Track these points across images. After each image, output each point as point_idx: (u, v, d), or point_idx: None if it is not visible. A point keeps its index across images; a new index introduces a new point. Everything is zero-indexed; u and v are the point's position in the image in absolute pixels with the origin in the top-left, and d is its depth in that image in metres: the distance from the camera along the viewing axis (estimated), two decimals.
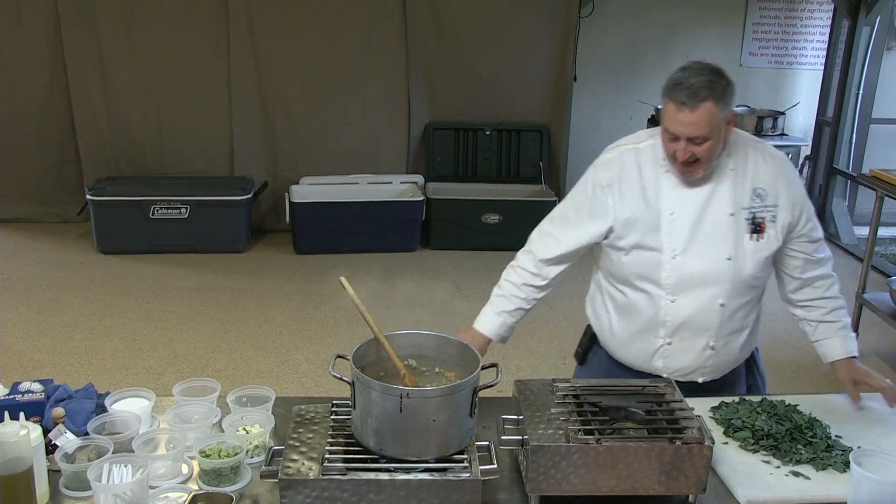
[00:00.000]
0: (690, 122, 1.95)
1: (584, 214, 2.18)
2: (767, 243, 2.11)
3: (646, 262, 2.11)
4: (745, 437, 1.91)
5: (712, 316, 2.10)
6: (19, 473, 1.56)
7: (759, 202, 2.10)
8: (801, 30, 6.94)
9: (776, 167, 2.14)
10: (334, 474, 1.57)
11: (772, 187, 2.11)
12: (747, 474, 1.79)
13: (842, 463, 1.81)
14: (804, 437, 1.90)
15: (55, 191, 6.29)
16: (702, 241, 2.08)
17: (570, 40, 6.30)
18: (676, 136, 1.99)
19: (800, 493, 1.74)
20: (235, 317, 4.82)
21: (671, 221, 2.08)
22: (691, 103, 1.94)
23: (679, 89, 1.96)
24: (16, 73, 6.02)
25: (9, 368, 4.01)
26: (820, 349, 2.26)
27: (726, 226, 2.08)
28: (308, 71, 6.17)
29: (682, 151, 2.00)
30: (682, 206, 2.09)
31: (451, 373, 1.80)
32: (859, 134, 6.59)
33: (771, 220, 2.11)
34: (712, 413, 2.04)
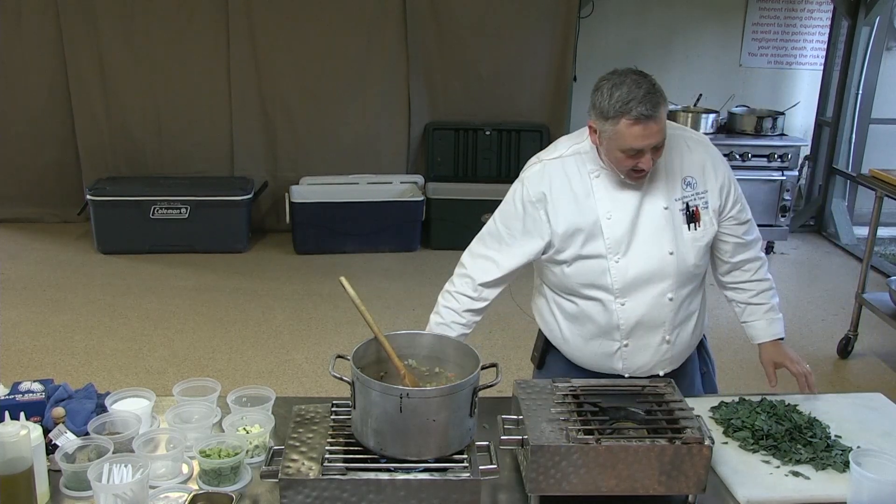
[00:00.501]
0: (656, 132, 1.93)
1: (518, 233, 2.14)
2: (704, 230, 2.12)
3: (590, 270, 2.10)
4: (744, 437, 1.91)
5: (663, 311, 2.11)
6: (19, 473, 1.56)
7: (691, 191, 2.11)
8: (800, 30, 6.93)
9: (701, 153, 2.14)
10: (334, 474, 1.57)
11: (699, 174, 2.12)
12: (747, 474, 1.79)
13: (841, 463, 1.81)
14: (804, 437, 1.90)
15: (55, 191, 6.29)
16: (642, 240, 2.07)
17: (570, 40, 6.29)
18: (639, 151, 1.95)
19: (799, 492, 1.74)
20: (235, 317, 4.82)
21: (610, 225, 2.07)
22: (653, 112, 1.90)
23: (634, 105, 1.90)
24: (16, 73, 6.02)
25: (9, 368, 4.01)
26: (748, 331, 2.29)
27: (663, 220, 2.08)
28: (308, 71, 6.17)
29: (647, 162, 1.97)
30: (618, 208, 2.07)
31: (451, 373, 1.80)
32: (859, 134, 6.59)
33: (703, 206, 2.12)
34: (712, 413, 2.04)
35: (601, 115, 1.95)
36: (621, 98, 1.91)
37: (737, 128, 6.11)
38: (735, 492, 1.74)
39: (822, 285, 5.69)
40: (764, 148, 5.92)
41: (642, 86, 1.92)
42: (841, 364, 4.42)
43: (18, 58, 5.99)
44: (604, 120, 1.95)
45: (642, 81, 1.93)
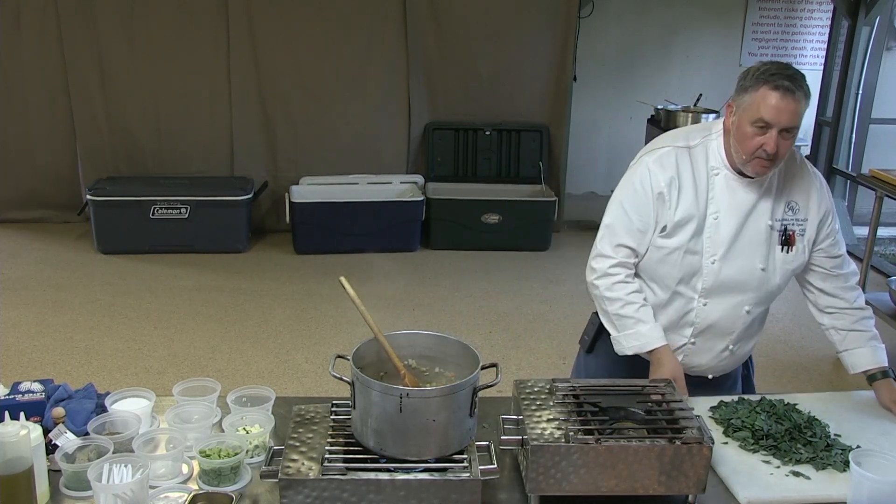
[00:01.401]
0: (792, 110, 1.93)
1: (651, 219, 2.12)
2: (796, 256, 2.15)
3: (686, 265, 2.12)
4: (744, 437, 1.92)
5: (737, 321, 2.16)
6: (19, 473, 1.56)
7: (792, 215, 2.13)
8: (800, 30, 6.94)
9: (811, 182, 2.16)
10: (334, 474, 1.57)
11: (804, 201, 2.14)
12: (747, 474, 1.79)
13: (842, 462, 1.82)
14: (804, 436, 1.91)
15: (55, 191, 6.29)
16: (740, 249, 2.10)
17: (570, 40, 6.29)
18: (768, 126, 1.94)
19: (800, 492, 1.74)
20: (235, 317, 4.82)
21: (714, 225, 2.09)
22: (794, 88, 1.93)
23: (779, 77, 1.94)
24: (16, 73, 6.02)
25: (9, 368, 4.01)
26: (847, 359, 2.24)
27: (763, 236, 2.11)
28: (308, 71, 6.17)
29: (772, 143, 1.95)
30: (727, 211, 2.09)
31: (451, 373, 1.80)
32: (859, 134, 6.59)
33: (800, 233, 2.14)
34: (711, 413, 2.05)
35: (743, 89, 1.99)
36: (768, 70, 1.96)
37: None
38: (736, 492, 1.73)
39: None
40: None
41: (791, 68, 1.98)
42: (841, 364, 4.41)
43: (18, 58, 5.99)
44: (744, 92, 1.98)
45: (792, 68, 1.99)
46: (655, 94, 6.57)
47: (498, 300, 5.10)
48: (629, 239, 2.14)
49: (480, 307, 5.00)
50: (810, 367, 4.34)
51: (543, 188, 6.29)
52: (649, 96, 6.51)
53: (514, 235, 6.03)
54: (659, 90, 6.68)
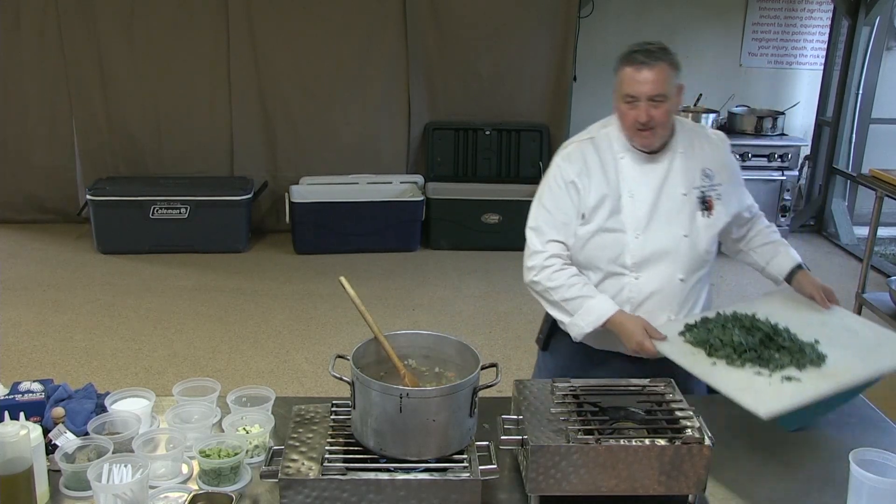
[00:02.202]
0: (650, 80, 2.08)
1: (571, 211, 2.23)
2: (716, 219, 2.26)
3: (610, 244, 2.20)
4: (728, 354, 1.96)
5: (673, 291, 2.22)
6: (19, 473, 1.56)
7: (708, 182, 2.26)
8: (800, 30, 6.93)
9: (720, 149, 2.31)
10: (334, 474, 1.57)
11: (717, 168, 2.28)
12: (753, 390, 1.83)
13: (815, 356, 1.94)
14: (775, 343, 1.99)
15: (55, 191, 6.29)
16: (660, 220, 2.21)
17: (570, 40, 6.29)
18: (636, 99, 2.11)
19: (802, 394, 1.82)
20: (235, 317, 4.82)
21: (631, 202, 2.20)
22: (649, 61, 2.09)
23: (635, 55, 2.10)
24: (15, 73, 6.02)
25: (9, 368, 4.01)
26: (772, 270, 2.36)
27: (680, 204, 2.22)
28: (308, 71, 6.17)
29: (643, 113, 2.10)
30: (640, 187, 2.21)
31: (451, 373, 1.80)
32: (859, 134, 6.59)
33: (717, 198, 2.26)
34: (684, 337, 2.08)
35: (614, 72, 2.15)
36: (629, 50, 2.14)
37: (737, 128, 6.11)
38: (755, 409, 1.75)
39: None
40: (764, 148, 5.93)
41: (652, 44, 2.13)
42: None
43: (18, 58, 5.99)
44: (615, 74, 2.15)
45: (655, 43, 2.14)
46: None
47: (498, 300, 5.10)
48: (556, 233, 2.23)
49: (480, 307, 5.00)
50: None
51: None
52: None
53: (514, 235, 5.96)
54: None
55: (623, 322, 2.11)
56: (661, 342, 2.06)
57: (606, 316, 2.13)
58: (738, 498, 1.74)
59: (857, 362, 1.94)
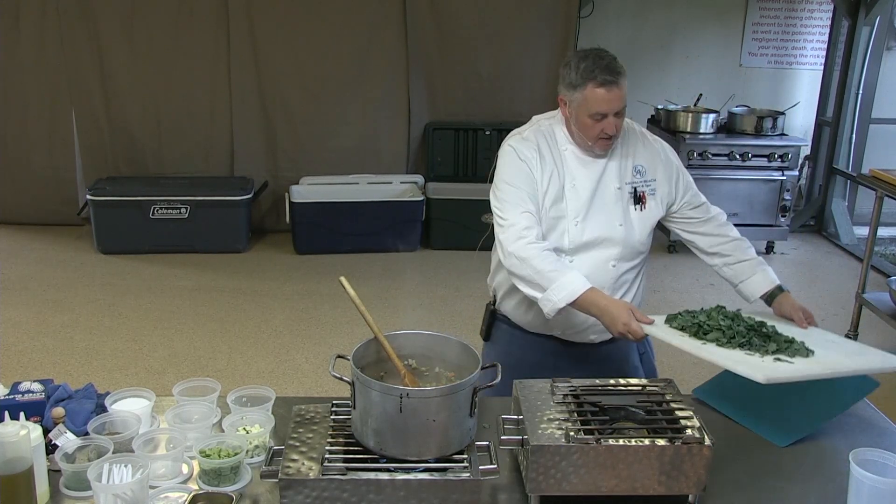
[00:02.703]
0: (618, 97, 2.18)
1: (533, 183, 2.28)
2: (650, 212, 2.36)
3: (551, 229, 2.28)
4: (717, 338, 1.98)
5: (606, 275, 2.29)
6: (19, 473, 1.56)
7: (640, 178, 2.36)
8: (800, 30, 6.94)
9: (653, 148, 2.40)
10: (334, 474, 1.57)
11: (650, 165, 2.37)
12: (749, 363, 1.85)
13: (804, 350, 1.95)
14: (762, 333, 2.00)
15: (55, 191, 6.29)
16: (598, 209, 2.31)
17: (570, 40, 6.29)
18: (604, 115, 2.18)
19: (796, 371, 1.85)
20: (235, 317, 4.82)
21: (573, 190, 2.29)
22: (616, 79, 2.16)
23: (599, 72, 2.16)
24: (15, 73, 6.02)
25: (9, 368, 4.01)
26: (746, 289, 2.39)
27: (615, 197, 2.33)
28: (308, 71, 6.17)
29: (611, 126, 2.20)
30: (581, 178, 2.31)
31: (451, 373, 1.80)
32: (859, 134, 6.59)
33: (651, 192, 2.36)
34: (669, 324, 2.09)
35: (570, 86, 2.22)
36: (587, 68, 2.18)
37: (737, 128, 6.11)
38: (751, 375, 1.77)
39: (822, 285, 5.69)
40: (764, 148, 5.93)
41: (605, 58, 2.19)
42: None
43: (18, 58, 5.99)
44: (573, 89, 2.21)
45: (605, 55, 2.21)
46: (655, 94, 6.57)
47: None
48: (524, 204, 2.27)
49: (480, 307, 4.95)
50: None
51: None
52: (649, 96, 6.50)
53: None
54: (659, 90, 6.67)
55: (607, 305, 2.10)
56: (649, 326, 2.06)
57: (580, 292, 2.11)
58: (738, 498, 1.74)
59: (844, 358, 1.97)
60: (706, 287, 5.45)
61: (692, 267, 5.82)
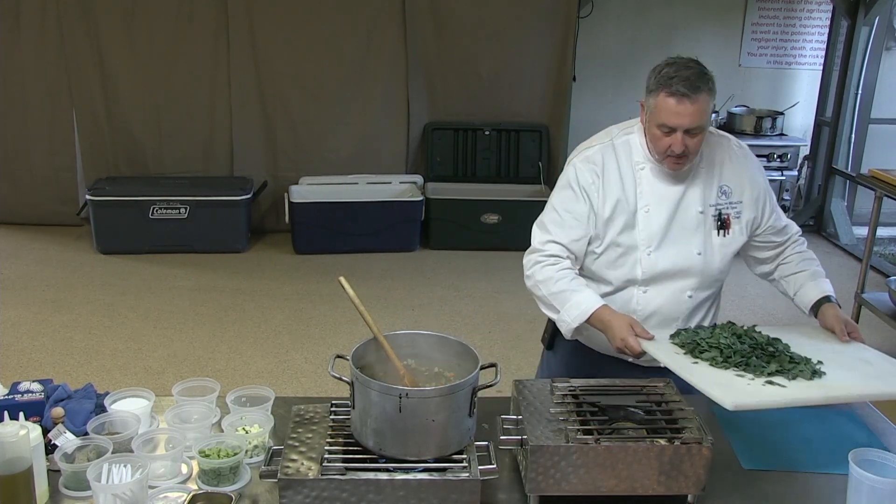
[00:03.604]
0: (691, 113, 1.99)
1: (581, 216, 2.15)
2: (733, 239, 2.19)
3: (622, 259, 2.14)
4: (713, 357, 1.90)
5: (681, 306, 2.18)
6: (19, 473, 1.56)
7: (725, 199, 2.17)
8: (800, 30, 6.94)
9: (741, 163, 2.20)
10: (333, 474, 1.57)
11: (737, 184, 2.18)
12: (728, 385, 1.78)
13: (809, 371, 1.85)
14: (766, 353, 1.91)
15: (55, 191, 6.29)
16: (674, 238, 2.14)
17: (569, 40, 6.29)
18: (672, 129, 2.01)
19: (781, 396, 1.77)
20: (235, 317, 4.82)
21: (646, 218, 2.13)
22: (692, 94, 1.98)
23: (675, 82, 1.99)
24: (15, 72, 6.02)
25: (9, 368, 4.01)
26: (800, 300, 2.27)
27: (696, 222, 2.15)
28: (308, 71, 6.17)
29: (678, 144, 2.02)
30: (657, 202, 2.13)
31: (451, 373, 1.80)
32: (858, 134, 6.59)
33: (736, 216, 2.18)
34: (672, 339, 2.03)
35: (648, 90, 2.06)
36: (667, 73, 2.02)
37: (736, 128, 6.12)
38: (720, 398, 1.70)
39: None
40: (764, 148, 5.93)
41: (691, 68, 2.02)
42: None
43: (18, 58, 5.98)
44: (648, 94, 2.06)
45: (693, 66, 2.03)
46: None
47: (498, 300, 5.10)
48: (559, 234, 2.15)
49: (480, 307, 5.00)
50: None
51: (543, 188, 6.29)
52: None
53: (513, 235, 6.01)
54: None
55: (610, 319, 2.04)
56: (647, 341, 2.00)
57: (591, 310, 2.06)
58: (738, 498, 1.74)
59: (858, 382, 1.86)
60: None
61: None
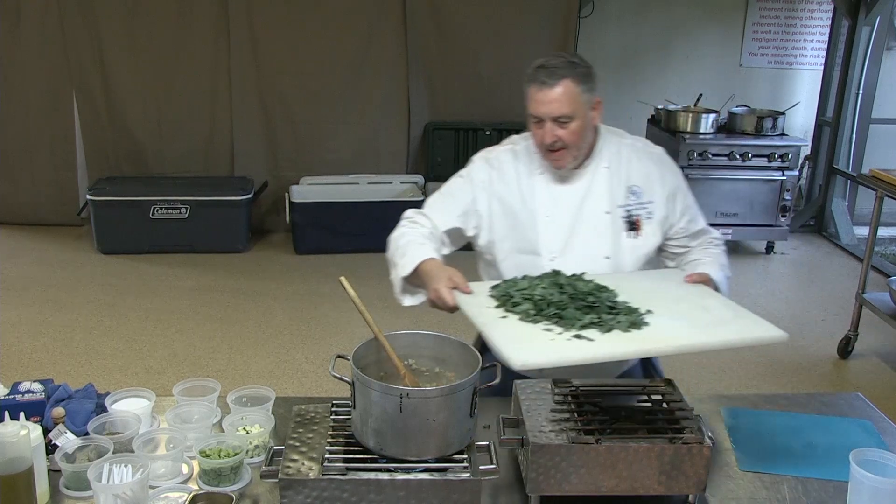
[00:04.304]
0: (551, 100, 1.98)
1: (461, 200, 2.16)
2: (645, 241, 2.12)
3: (525, 267, 2.08)
4: (525, 310, 1.82)
5: None
6: (19, 473, 1.56)
7: (635, 199, 2.11)
8: (800, 30, 6.94)
9: (651, 163, 2.16)
10: (334, 474, 1.57)
11: (646, 184, 2.13)
12: (525, 341, 1.70)
13: (627, 323, 1.76)
14: (586, 303, 1.83)
15: (55, 191, 6.29)
16: (579, 242, 2.09)
17: (570, 40, 6.29)
18: (541, 119, 2.01)
19: (580, 352, 1.68)
20: (235, 317, 4.82)
21: (546, 223, 2.08)
22: (550, 81, 1.98)
23: (539, 71, 2.01)
24: (17, 73, 6.02)
25: (9, 368, 4.01)
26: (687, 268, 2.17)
27: (603, 224, 2.09)
28: (309, 71, 6.17)
29: (548, 134, 2.01)
30: (558, 206, 2.09)
31: (451, 373, 1.79)
32: (859, 134, 6.59)
33: (647, 216, 2.12)
34: (490, 290, 1.94)
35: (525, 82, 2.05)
36: (535, 65, 2.03)
37: (737, 128, 6.11)
38: (510, 359, 1.62)
39: (822, 285, 5.69)
40: (764, 148, 5.92)
41: (560, 58, 2.02)
42: (841, 364, 4.42)
43: (18, 57, 5.99)
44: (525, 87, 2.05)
45: (564, 57, 2.02)
46: (655, 94, 6.57)
47: None
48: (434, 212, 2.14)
49: None
50: (810, 368, 4.34)
51: None
52: (649, 96, 6.51)
53: None
54: (659, 90, 6.67)
55: (431, 269, 1.96)
56: (461, 295, 1.91)
57: (419, 260, 1.98)
58: (738, 498, 1.74)
59: (681, 333, 1.75)
60: None
61: None
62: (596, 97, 2.06)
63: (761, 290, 5.48)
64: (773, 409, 2.11)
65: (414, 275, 2.01)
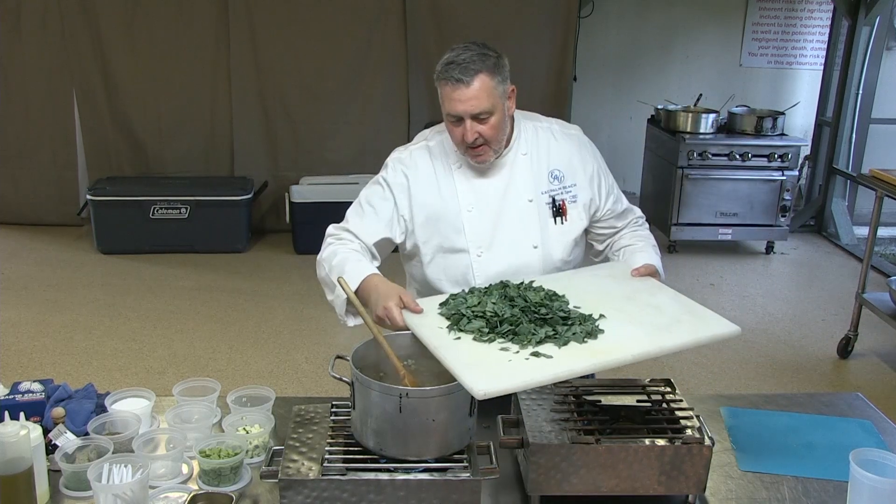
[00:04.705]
0: (469, 98, 1.91)
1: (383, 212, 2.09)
2: (572, 225, 2.09)
3: (453, 264, 2.06)
4: (478, 328, 1.74)
5: None
6: (19, 473, 1.56)
7: (558, 184, 2.08)
8: (800, 30, 6.94)
9: (570, 145, 2.11)
10: (334, 474, 1.57)
11: (567, 167, 2.09)
12: (483, 366, 1.62)
13: (583, 334, 1.71)
14: (538, 315, 1.77)
15: (55, 191, 6.29)
16: (506, 234, 2.04)
17: (570, 40, 6.29)
18: (460, 118, 1.93)
19: (542, 372, 1.61)
20: (235, 317, 4.82)
21: (470, 218, 2.04)
22: (466, 78, 1.89)
23: (451, 69, 1.91)
24: (17, 73, 6.02)
25: (9, 368, 4.01)
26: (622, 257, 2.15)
27: (528, 213, 2.04)
28: (308, 70, 6.17)
29: (469, 132, 1.94)
30: (480, 200, 2.05)
31: None
32: (859, 134, 6.59)
33: (572, 200, 2.08)
34: (440, 308, 1.85)
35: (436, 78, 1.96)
36: (445, 60, 1.93)
37: (737, 128, 6.11)
38: (472, 387, 1.54)
39: (822, 285, 5.69)
40: (764, 148, 5.93)
41: (470, 51, 1.92)
42: (841, 364, 4.42)
43: (20, 58, 5.99)
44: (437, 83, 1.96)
45: (474, 48, 1.92)
46: (655, 94, 6.57)
47: None
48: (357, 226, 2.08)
49: None
50: (810, 368, 4.34)
51: None
52: (649, 96, 6.51)
53: None
54: (659, 90, 6.68)
55: (378, 285, 1.87)
56: (411, 314, 1.82)
57: (363, 276, 1.90)
58: (738, 498, 1.74)
59: (637, 342, 1.71)
60: (706, 287, 5.45)
61: (693, 267, 5.82)
62: (510, 86, 1.99)
63: (761, 290, 5.48)
64: (773, 409, 2.11)
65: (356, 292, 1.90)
